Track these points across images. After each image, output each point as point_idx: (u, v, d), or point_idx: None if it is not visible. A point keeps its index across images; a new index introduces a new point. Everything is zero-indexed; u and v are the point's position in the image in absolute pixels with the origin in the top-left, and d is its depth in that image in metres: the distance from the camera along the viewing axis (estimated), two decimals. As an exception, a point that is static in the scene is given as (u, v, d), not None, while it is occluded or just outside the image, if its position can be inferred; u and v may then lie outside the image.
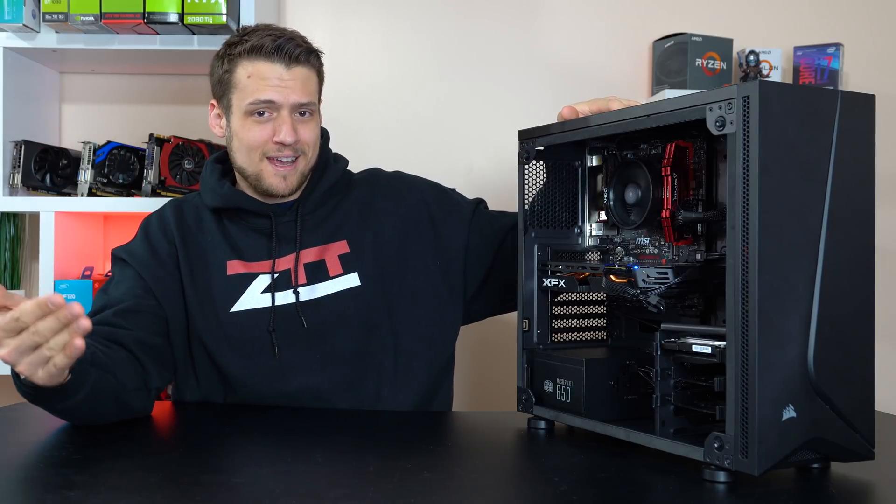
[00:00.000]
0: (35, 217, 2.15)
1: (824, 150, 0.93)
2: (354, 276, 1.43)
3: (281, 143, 1.38)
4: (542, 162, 1.25)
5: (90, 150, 2.02)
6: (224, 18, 1.87)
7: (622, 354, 1.17)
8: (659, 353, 1.03)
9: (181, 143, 2.01)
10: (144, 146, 2.01)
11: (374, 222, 1.49)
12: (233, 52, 1.40)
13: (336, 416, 1.33)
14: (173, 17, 1.87)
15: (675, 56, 2.11)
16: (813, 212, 0.92)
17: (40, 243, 1.98)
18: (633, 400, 1.13)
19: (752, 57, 2.11)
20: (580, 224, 1.28)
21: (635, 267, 1.07)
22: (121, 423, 1.23)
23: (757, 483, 0.93)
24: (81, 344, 1.01)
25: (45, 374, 1.03)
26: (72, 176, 2.08)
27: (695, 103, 0.96)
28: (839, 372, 0.93)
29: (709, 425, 1.00)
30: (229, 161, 1.48)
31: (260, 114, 1.38)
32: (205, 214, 1.47)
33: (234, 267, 1.43)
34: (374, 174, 1.59)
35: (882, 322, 1.12)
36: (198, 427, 1.32)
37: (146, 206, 1.91)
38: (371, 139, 2.23)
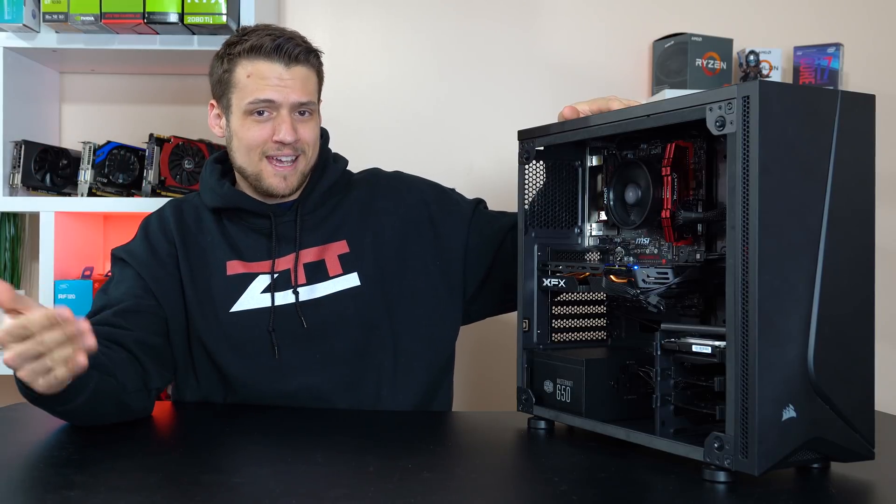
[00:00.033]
0: (35, 217, 2.15)
1: (824, 150, 0.93)
2: (354, 276, 1.43)
3: (281, 142, 1.38)
4: (542, 162, 1.25)
5: (90, 150, 2.02)
6: (224, 18, 1.87)
7: (622, 354, 1.17)
8: (659, 353, 1.03)
9: (181, 143, 2.00)
10: (144, 146, 2.01)
11: (374, 222, 1.49)
12: (232, 51, 1.40)
13: (336, 416, 1.33)
14: (173, 17, 1.87)
15: (675, 56, 2.11)
16: (813, 212, 0.92)
17: (40, 243, 1.98)
18: (633, 400, 1.13)
19: (752, 57, 2.11)
20: (580, 224, 1.28)
21: (635, 267, 1.07)
22: (121, 423, 1.23)
23: (757, 483, 0.93)
24: (84, 360, 1.04)
25: (45, 383, 1.05)
26: (72, 176, 2.08)
27: (695, 103, 0.96)
28: (839, 372, 0.93)
29: (709, 425, 1.00)
30: (229, 161, 1.48)
31: (259, 113, 1.38)
32: (204, 214, 1.47)
33: (234, 267, 1.43)
34: (374, 174, 1.59)
35: (882, 322, 1.12)
36: (198, 427, 1.32)
37: (146, 206, 1.91)
38: (371, 139, 2.23)
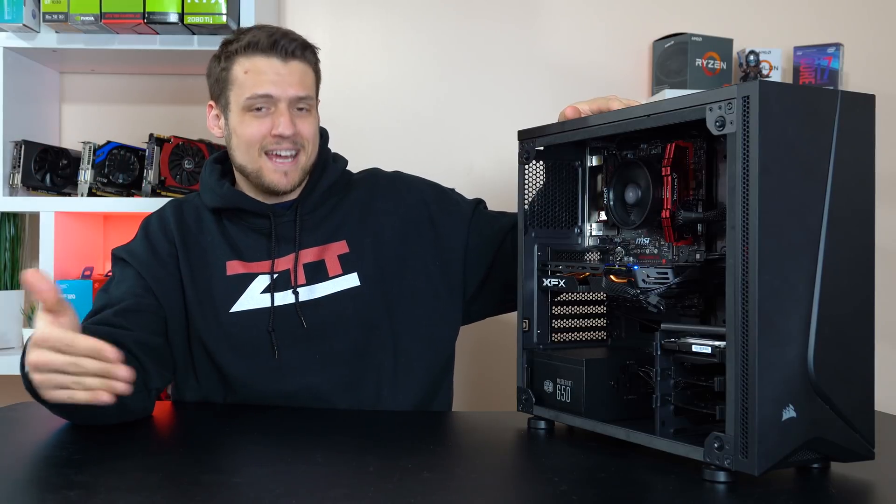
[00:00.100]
0: (35, 217, 2.15)
1: (824, 150, 0.93)
2: (354, 276, 1.43)
3: (280, 135, 1.38)
4: (542, 162, 1.25)
5: (90, 150, 2.02)
6: (224, 18, 1.87)
7: (622, 354, 1.16)
8: (659, 353, 1.03)
9: (181, 143, 2.00)
10: (144, 146, 2.01)
11: (374, 222, 1.49)
12: (229, 49, 1.41)
13: (336, 416, 1.33)
14: (173, 17, 1.87)
15: (675, 56, 2.11)
16: (813, 212, 0.92)
17: (40, 243, 1.98)
18: (633, 400, 1.13)
19: (752, 57, 2.11)
20: (580, 224, 1.28)
21: (635, 267, 1.07)
22: (121, 423, 1.23)
23: (757, 483, 0.93)
24: (108, 400, 1.03)
25: (55, 396, 1.05)
26: (72, 176, 2.08)
27: (695, 103, 0.96)
28: (839, 372, 0.93)
29: (709, 425, 1.00)
30: (229, 161, 1.48)
31: (258, 109, 1.39)
32: (204, 215, 1.47)
33: (234, 267, 1.43)
34: (374, 174, 1.59)
35: (882, 322, 1.12)
36: (198, 427, 1.32)
37: (146, 206, 1.91)
38: (371, 139, 2.23)
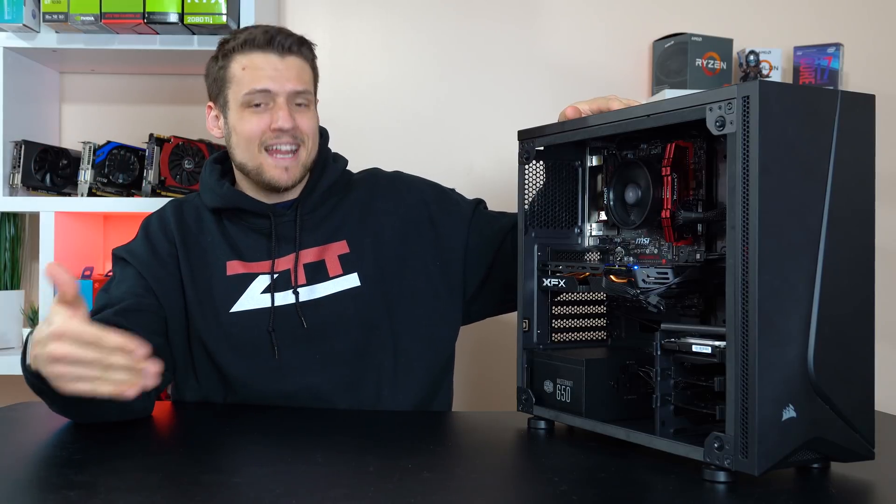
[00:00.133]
0: (35, 217, 2.15)
1: (824, 150, 0.93)
2: (354, 276, 1.43)
3: (279, 129, 1.39)
4: (542, 162, 1.25)
5: (90, 150, 2.02)
6: (224, 18, 1.87)
7: (622, 354, 1.16)
8: (659, 353, 1.03)
9: (181, 143, 2.00)
10: (144, 146, 2.01)
11: (374, 222, 1.49)
12: (226, 48, 1.42)
13: (336, 416, 1.33)
14: (173, 17, 1.87)
15: (675, 56, 2.11)
16: (813, 212, 0.92)
17: (40, 243, 1.98)
18: (633, 400, 1.13)
19: (752, 57, 2.11)
20: (580, 224, 1.28)
21: (635, 267, 1.07)
22: (121, 423, 1.23)
23: (757, 483, 0.93)
24: (133, 394, 1.00)
25: (74, 389, 1.00)
26: (72, 176, 2.08)
27: (695, 103, 0.96)
28: (839, 372, 0.93)
29: (709, 425, 1.00)
30: (229, 161, 1.49)
31: (257, 105, 1.39)
32: (205, 215, 1.47)
33: (234, 267, 1.42)
34: (374, 174, 1.59)
35: (882, 322, 1.12)
36: (198, 427, 1.32)
37: (146, 206, 1.91)
38: (371, 139, 2.23)
